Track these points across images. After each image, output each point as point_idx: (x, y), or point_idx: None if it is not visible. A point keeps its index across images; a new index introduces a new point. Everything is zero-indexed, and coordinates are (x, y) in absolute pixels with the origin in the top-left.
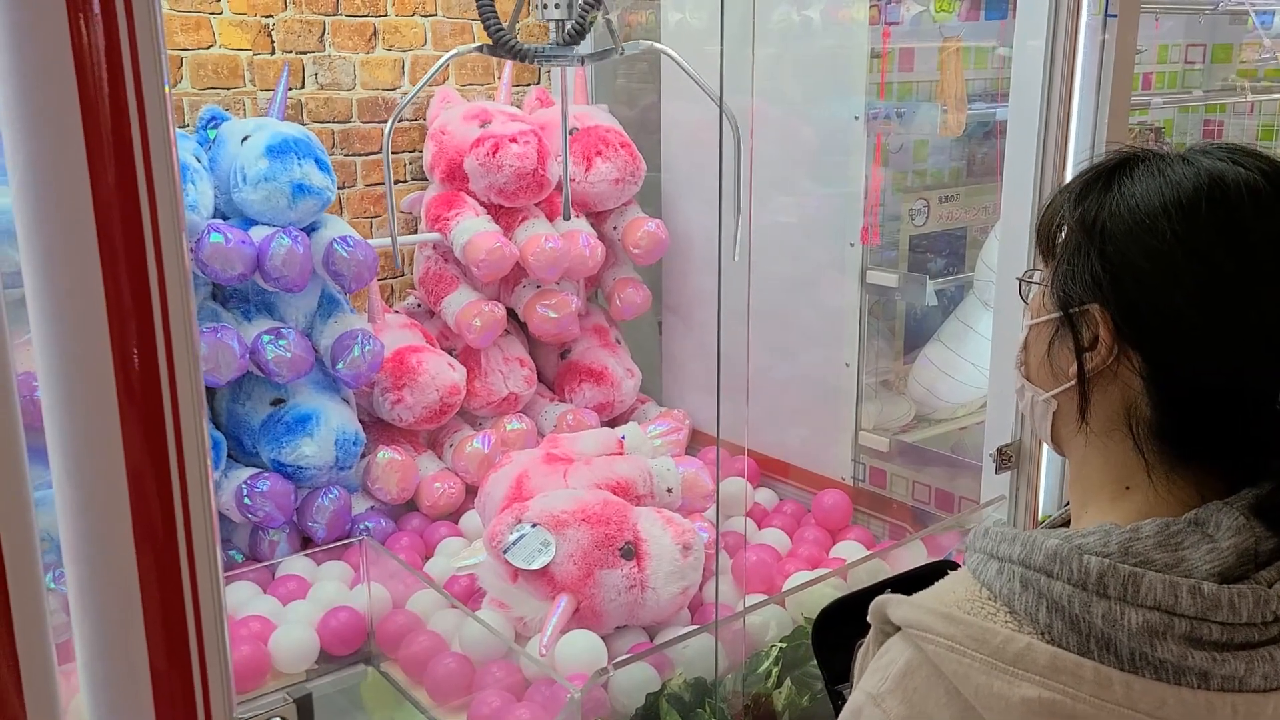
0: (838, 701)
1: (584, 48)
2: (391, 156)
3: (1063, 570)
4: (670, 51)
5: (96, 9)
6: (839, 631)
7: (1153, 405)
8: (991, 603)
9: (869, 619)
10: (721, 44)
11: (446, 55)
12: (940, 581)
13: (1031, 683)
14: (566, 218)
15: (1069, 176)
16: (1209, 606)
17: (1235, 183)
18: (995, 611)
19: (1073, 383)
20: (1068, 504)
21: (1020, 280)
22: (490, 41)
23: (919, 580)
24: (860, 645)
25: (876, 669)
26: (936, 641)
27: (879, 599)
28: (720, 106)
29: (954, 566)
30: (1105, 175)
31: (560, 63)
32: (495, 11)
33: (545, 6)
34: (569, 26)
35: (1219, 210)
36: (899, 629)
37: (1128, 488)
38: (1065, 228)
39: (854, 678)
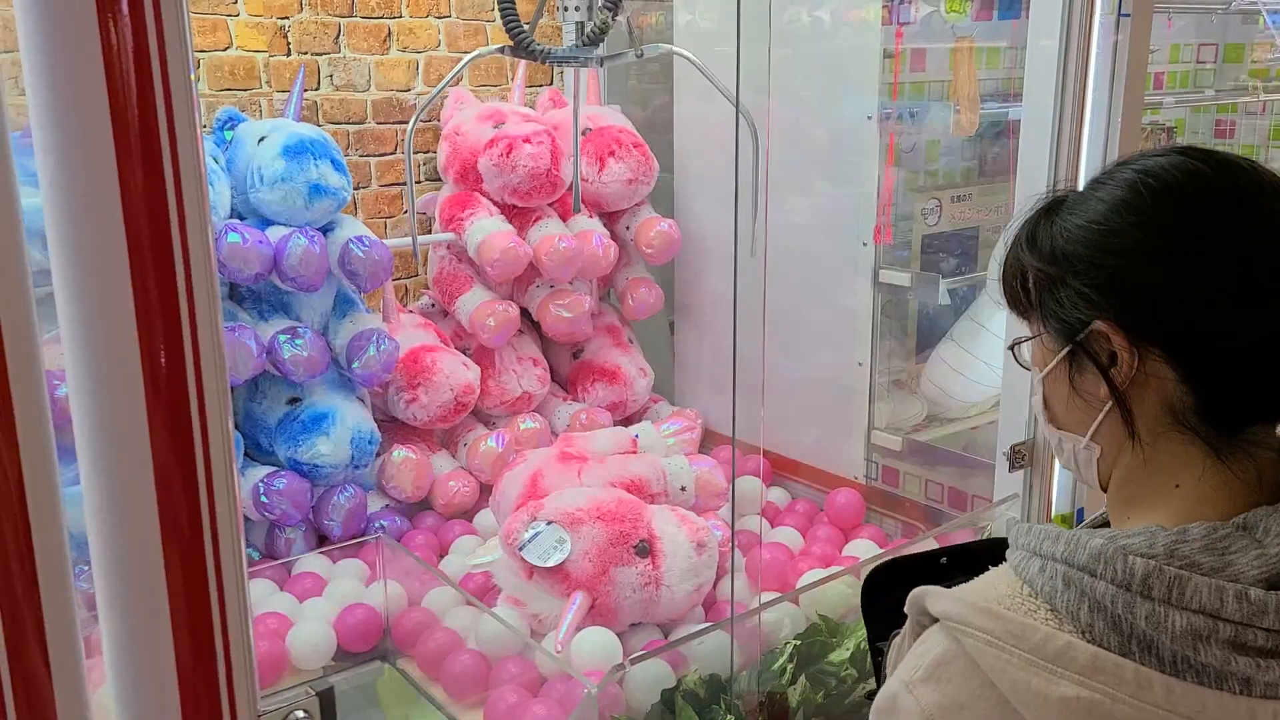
0: (878, 658)
1: (601, 49)
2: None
3: (1107, 570)
4: (687, 54)
5: (125, 11)
6: (888, 593)
7: (1191, 390)
8: (1032, 599)
9: (906, 610)
10: (738, 45)
11: (469, 56)
12: (982, 576)
13: (1071, 681)
14: (576, 210)
15: (1082, 176)
16: (1255, 612)
17: (1164, 167)
18: (1036, 609)
19: (1108, 405)
20: (1102, 511)
21: (1011, 348)
22: (511, 43)
23: (973, 555)
24: (895, 636)
25: (912, 658)
26: (975, 635)
27: (918, 590)
28: (736, 106)
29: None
30: (1044, 213)
31: (580, 64)
32: (517, 13)
33: (566, 9)
34: (589, 29)
35: (1159, 193)
36: (936, 621)
37: (1177, 485)
38: (1030, 273)
39: (888, 670)
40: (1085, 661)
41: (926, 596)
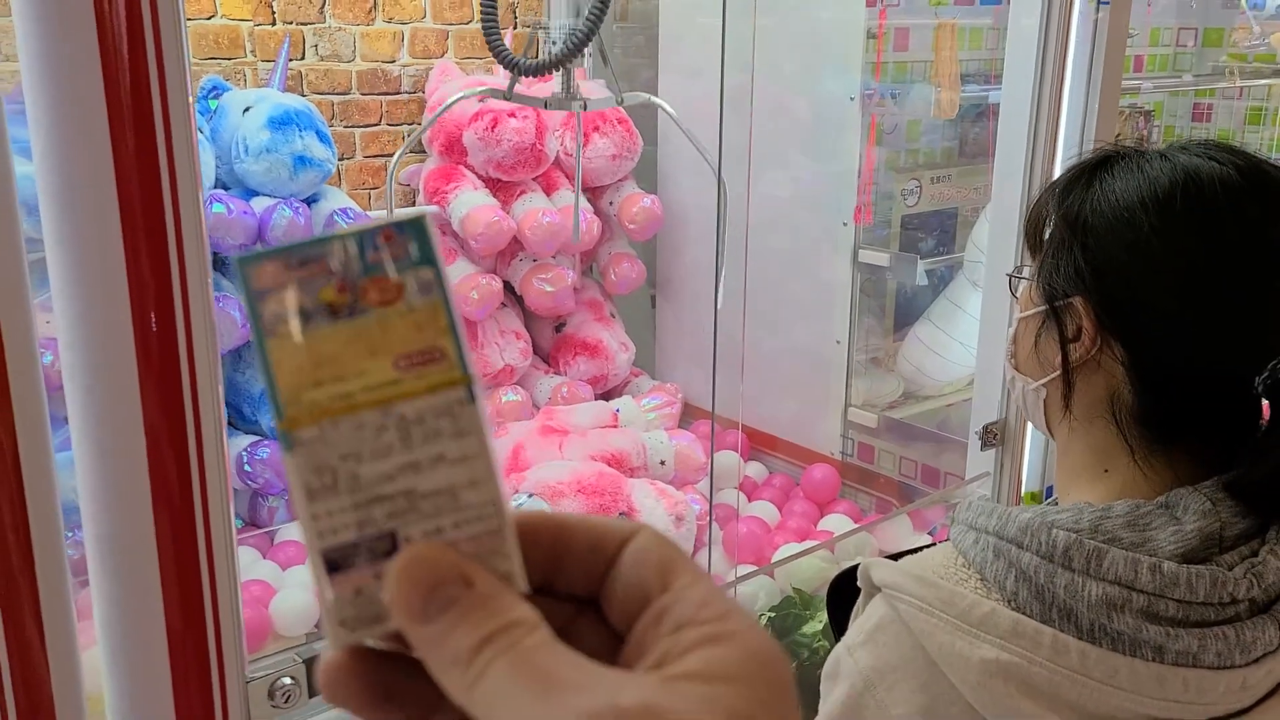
0: None
1: (589, 91)
2: (390, 132)
3: (1032, 542)
4: (665, 105)
5: None
6: (853, 597)
7: (1134, 392)
8: (965, 569)
9: (858, 582)
10: (724, 21)
11: (456, 95)
12: (926, 550)
13: (992, 645)
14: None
15: (1059, 159)
16: (1167, 584)
17: (1210, 177)
18: (967, 578)
19: (1058, 373)
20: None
21: (1010, 276)
22: (510, 76)
23: None
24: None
25: (855, 624)
26: (908, 601)
27: (866, 562)
28: (721, 86)
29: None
30: (1088, 172)
31: (565, 108)
32: (503, 39)
33: (554, 43)
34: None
35: (1193, 204)
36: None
37: (1107, 470)
38: (1051, 223)
39: None
40: (1007, 626)
41: (872, 567)
